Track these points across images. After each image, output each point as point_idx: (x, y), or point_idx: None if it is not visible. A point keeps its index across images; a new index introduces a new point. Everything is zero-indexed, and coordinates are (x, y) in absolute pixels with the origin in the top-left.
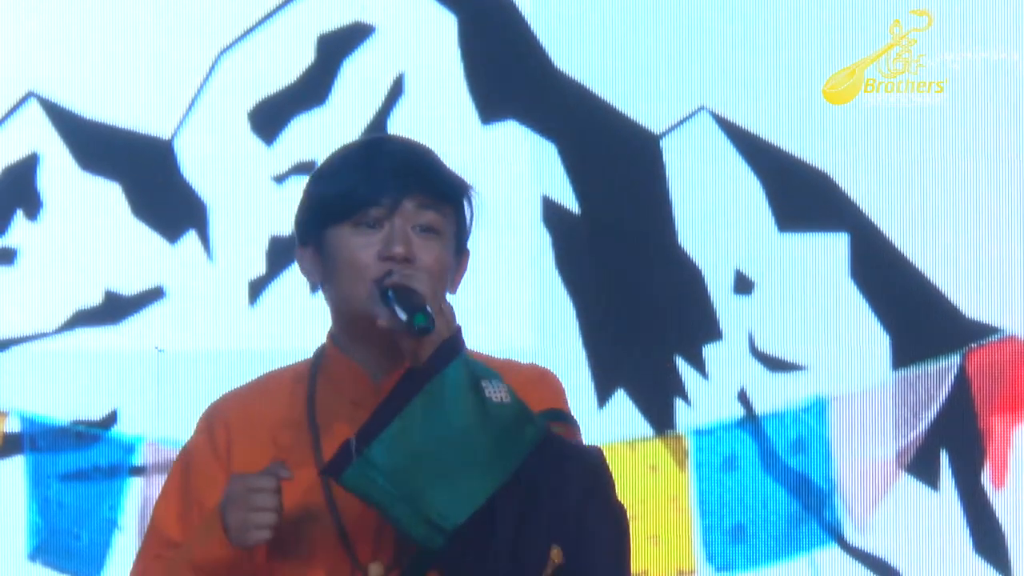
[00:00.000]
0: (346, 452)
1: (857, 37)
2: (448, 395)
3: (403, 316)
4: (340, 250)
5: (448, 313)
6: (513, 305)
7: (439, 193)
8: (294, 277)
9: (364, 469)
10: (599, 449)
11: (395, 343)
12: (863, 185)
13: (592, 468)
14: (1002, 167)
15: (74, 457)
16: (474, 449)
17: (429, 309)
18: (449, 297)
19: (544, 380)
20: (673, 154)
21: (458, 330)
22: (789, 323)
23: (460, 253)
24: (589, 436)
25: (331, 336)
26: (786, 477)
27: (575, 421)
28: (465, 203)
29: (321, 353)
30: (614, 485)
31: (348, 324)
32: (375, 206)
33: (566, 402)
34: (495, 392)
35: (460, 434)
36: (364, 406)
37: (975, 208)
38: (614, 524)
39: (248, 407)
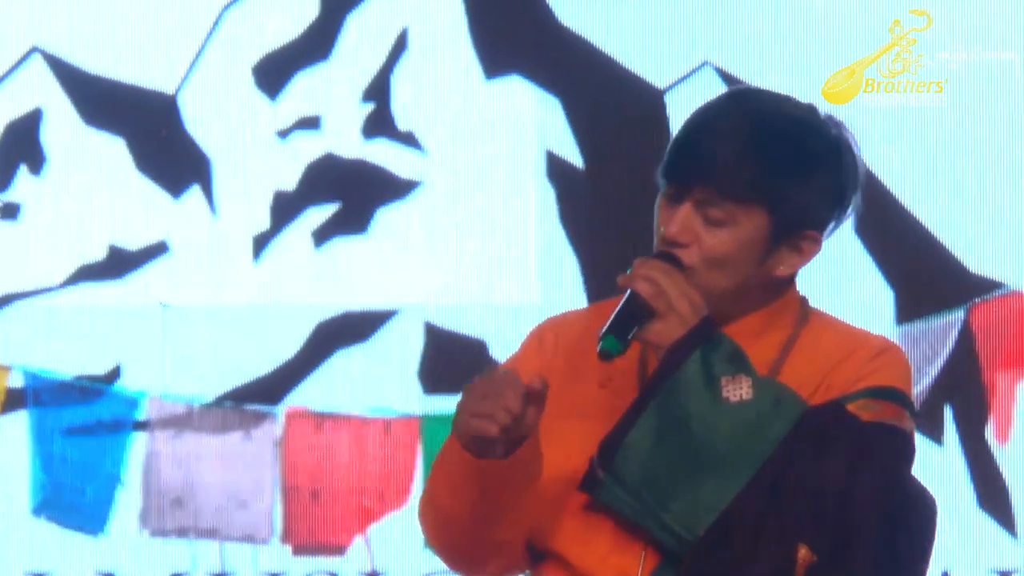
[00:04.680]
0: (592, 469)
1: (857, 37)
2: (680, 399)
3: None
4: (656, 212)
5: (684, 309)
6: (518, 260)
7: (730, 192)
8: (298, 232)
9: (610, 486)
10: (896, 430)
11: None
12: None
13: (871, 453)
14: (1000, 167)
15: (78, 412)
16: (711, 454)
17: (630, 332)
18: (454, 257)
19: (881, 356)
20: (677, 109)
21: (697, 327)
22: None
23: (785, 239)
24: None
25: None
26: None
27: (904, 399)
28: (795, 191)
29: None
30: (901, 470)
31: None
32: (671, 185)
33: (907, 379)
34: (735, 390)
35: (695, 440)
36: None
37: (981, 170)
38: (885, 514)
39: (587, 326)
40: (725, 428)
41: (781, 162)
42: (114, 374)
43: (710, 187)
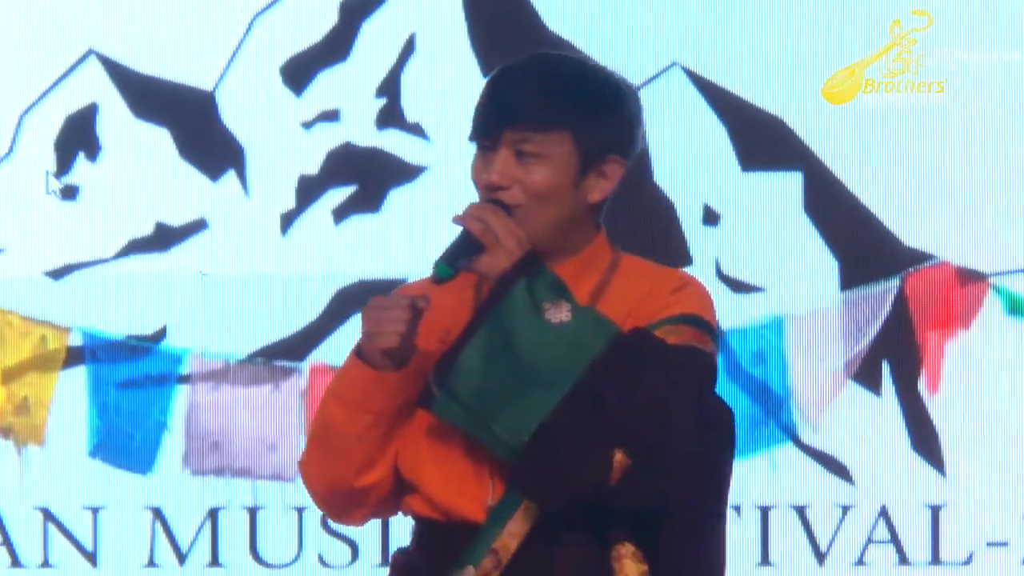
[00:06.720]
0: (428, 387)
1: (857, 37)
2: (507, 322)
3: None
4: (471, 169)
5: (511, 244)
6: None
7: (537, 123)
8: (320, 210)
9: (445, 401)
10: (697, 351)
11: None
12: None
13: (677, 370)
14: (1001, 166)
15: (129, 367)
16: (535, 370)
17: (460, 261)
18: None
19: (682, 288)
20: (649, 103)
21: (522, 259)
22: (750, 250)
23: (591, 165)
24: None
25: None
26: (748, 385)
27: (705, 324)
28: (591, 118)
29: None
30: (706, 385)
31: None
32: (484, 137)
33: (706, 308)
34: (556, 313)
35: (521, 357)
36: None
37: (980, 169)
38: (691, 423)
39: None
40: (547, 347)
41: (577, 92)
42: (160, 334)
43: (520, 123)
